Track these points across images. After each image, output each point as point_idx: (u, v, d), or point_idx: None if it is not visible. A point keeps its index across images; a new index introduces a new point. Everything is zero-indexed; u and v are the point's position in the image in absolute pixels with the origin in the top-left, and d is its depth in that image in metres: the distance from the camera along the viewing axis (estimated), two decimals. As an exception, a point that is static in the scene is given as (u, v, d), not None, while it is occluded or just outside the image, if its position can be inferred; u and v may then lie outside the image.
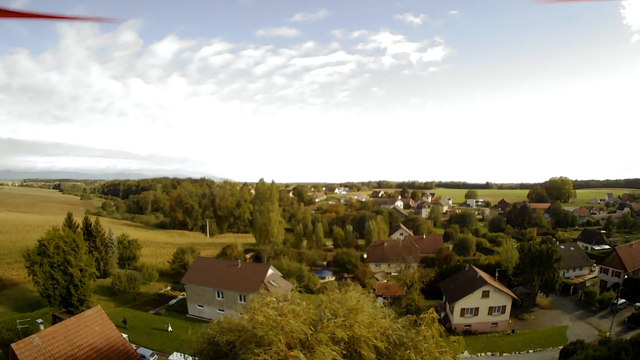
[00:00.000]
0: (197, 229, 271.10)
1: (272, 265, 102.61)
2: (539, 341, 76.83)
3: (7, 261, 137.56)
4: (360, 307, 32.00)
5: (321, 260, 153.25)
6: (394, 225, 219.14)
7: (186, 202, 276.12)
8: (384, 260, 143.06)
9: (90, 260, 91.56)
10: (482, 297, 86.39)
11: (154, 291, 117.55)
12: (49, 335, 50.13)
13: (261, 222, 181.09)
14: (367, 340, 29.66)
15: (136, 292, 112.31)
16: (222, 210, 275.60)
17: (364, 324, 30.52)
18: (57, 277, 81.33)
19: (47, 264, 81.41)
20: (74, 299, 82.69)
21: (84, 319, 57.14)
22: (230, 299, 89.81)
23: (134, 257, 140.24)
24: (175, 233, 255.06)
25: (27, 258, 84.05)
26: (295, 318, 29.97)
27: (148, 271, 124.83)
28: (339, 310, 31.65)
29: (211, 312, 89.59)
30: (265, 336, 28.55)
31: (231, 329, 32.79)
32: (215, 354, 34.02)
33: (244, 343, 29.98)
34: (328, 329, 29.34)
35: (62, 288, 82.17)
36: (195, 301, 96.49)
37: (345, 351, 29.36)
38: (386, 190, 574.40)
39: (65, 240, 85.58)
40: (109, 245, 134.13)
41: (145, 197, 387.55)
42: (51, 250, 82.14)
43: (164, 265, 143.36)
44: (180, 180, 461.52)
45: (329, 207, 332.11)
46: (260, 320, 30.14)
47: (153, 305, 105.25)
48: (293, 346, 28.25)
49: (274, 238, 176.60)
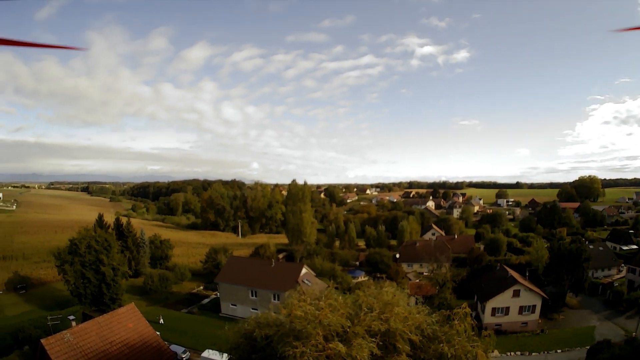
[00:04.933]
0: (229, 229, 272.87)
1: (306, 265, 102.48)
2: (567, 341, 77.05)
3: (35, 261, 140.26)
4: (395, 302, 32.96)
5: (354, 260, 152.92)
6: (426, 225, 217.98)
7: (217, 203, 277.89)
8: (416, 260, 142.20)
9: (122, 259, 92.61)
10: (512, 296, 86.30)
11: (187, 290, 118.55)
12: (80, 332, 50.62)
13: (294, 223, 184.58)
14: (402, 333, 30.61)
15: (168, 291, 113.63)
16: (253, 211, 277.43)
17: (400, 317, 31.37)
18: (89, 276, 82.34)
19: (79, 263, 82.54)
20: (106, 298, 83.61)
21: (117, 316, 57.92)
22: (264, 298, 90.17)
23: (166, 256, 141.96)
24: (207, 234, 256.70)
25: (57, 257, 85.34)
26: (333, 312, 30.68)
27: (180, 271, 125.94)
28: (375, 304, 32.61)
29: (244, 311, 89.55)
30: (303, 330, 29.50)
31: (269, 324, 33.74)
32: (252, 348, 35.24)
33: (282, 337, 30.98)
34: (365, 322, 30.50)
35: (94, 287, 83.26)
36: (228, 300, 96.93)
37: (381, 343, 30.34)
38: (417, 190, 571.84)
39: (97, 239, 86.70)
40: (141, 245, 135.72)
41: (176, 199, 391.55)
42: (83, 250, 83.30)
43: (196, 265, 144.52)
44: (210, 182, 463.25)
45: (360, 207, 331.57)
46: (298, 314, 30.70)
47: (185, 304, 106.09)
48: (330, 339, 29.43)
49: (306, 238, 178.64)
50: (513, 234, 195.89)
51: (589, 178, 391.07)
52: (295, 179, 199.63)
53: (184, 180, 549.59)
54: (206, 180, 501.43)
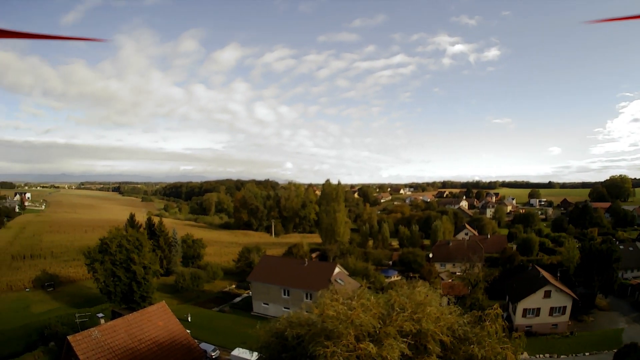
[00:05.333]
0: (262, 229, 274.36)
1: (339, 264, 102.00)
2: (596, 344, 75.74)
3: (65, 259, 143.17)
4: (428, 302, 33.18)
5: (387, 260, 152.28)
6: (459, 225, 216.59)
7: (251, 203, 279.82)
8: (449, 260, 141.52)
9: (154, 258, 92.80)
10: (543, 297, 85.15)
11: (218, 289, 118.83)
12: (109, 329, 50.38)
13: (327, 222, 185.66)
14: (433, 334, 30.80)
15: (200, 289, 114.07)
16: (287, 211, 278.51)
17: (432, 318, 31.51)
18: (119, 274, 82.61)
19: (109, 262, 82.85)
20: (136, 296, 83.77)
21: (147, 314, 57.88)
22: (297, 297, 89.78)
23: (198, 255, 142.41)
24: (240, 233, 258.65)
25: (87, 256, 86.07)
26: (365, 312, 30.96)
27: (212, 269, 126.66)
28: (407, 304, 32.82)
29: (276, 310, 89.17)
30: (335, 329, 29.85)
31: (300, 324, 34.26)
32: (282, 347, 35.77)
33: (313, 336, 31.34)
34: (396, 323, 30.77)
35: (124, 285, 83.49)
36: (260, 299, 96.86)
37: (412, 344, 30.62)
38: (451, 190, 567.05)
39: (128, 238, 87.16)
40: (173, 244, 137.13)
41: (208, 199, 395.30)
42: (113, 249, 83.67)
43: (228, 264, 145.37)
44: (244, 182, 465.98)
45: (394, 207, 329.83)
46: (330, 314, 31.14)
47: (217, 302, 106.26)
48: (362, 339, 29.66)
49: (340, 238, 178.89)
50: (545, 234, 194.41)
51: (620, 177, 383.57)
52: (329, 179, 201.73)
53: (217, 180, 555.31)
54: (239, 180, 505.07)
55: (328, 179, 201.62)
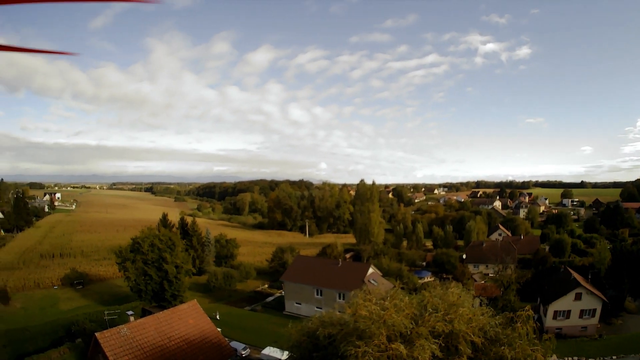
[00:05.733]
0: (296, 229, 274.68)
1: (372, 265, 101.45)
2: (624, 347, 74.50)
3: (95, 258, 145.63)
4: (460, 303, 33.02)
5: (420, 261, 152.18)
6: (493, 225, 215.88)
7: (285, 203, 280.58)
8: (482, 261, 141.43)
9: (186, 257, 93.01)
10: (574, 299, 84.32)
11: (251, 288, 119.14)
12: (138, 327, 50.39)
13: (361, 223, 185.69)
14: (465, 335, 30.66)
15: (232, 289, 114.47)
16: (321, 211, 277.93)
17: (464, 319, 31.39)
18: (151, 273, 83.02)
19: (140, 261, 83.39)
20: (167, 294, 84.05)
21: (178, 312, 57.96)
22: (329, 297, 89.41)
23: (231, 255, 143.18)
24: (274, 233, 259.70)
25: (118, 255, 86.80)
26: (397, 312, 30.82)
27: (245, 269, 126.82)
28: (440, 305, 32.67)
29: (309, 310, 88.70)
30: (367, 329, 29.66)
31: (332, 323, 34.24)
32: (314, 347, 36.01)
33: (345, 336, 31.24)
34: (429, 323, 30.49)
35: (155, 284, 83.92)
36: (293, 299, 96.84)
37: (443, 345, 30.45)
38: (484, 190, 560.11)
39: (160, 238, 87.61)
40: (206, 243, 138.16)
41: (242, 199, 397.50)
42: (145, 248, 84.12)
43: (262, 263, 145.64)
44: (278, 182, 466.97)
45: (428, 207, 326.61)
46: (363, 314, 30.91)
47: (249, 302, 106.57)
48: (393, 339, 29.52)
49: (374, 238, 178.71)
50: (577, 235, 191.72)
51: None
52: (364, 179, 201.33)
53: (251, 180, 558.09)
54: (273, 181, 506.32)
55: (362, 179, 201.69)
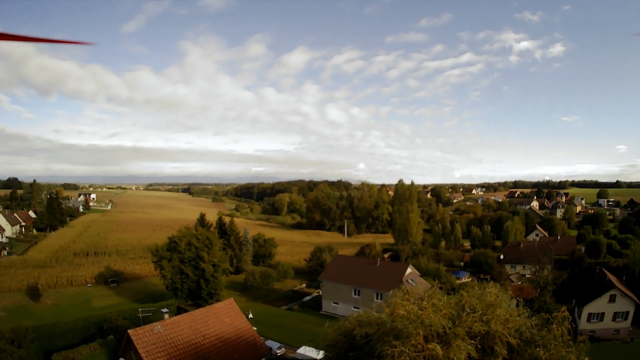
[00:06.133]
0: (335, 229, 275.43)
1: (411, 265, 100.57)
2: None
3: (131, 257, 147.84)
4: (498, 303, 32.72)
5: (458, 261, 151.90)
6: (530, 225, 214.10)
7: (324, 203, 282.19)
8: (519, 262, 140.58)
9: (224, 256, 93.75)
10: (608, 301, 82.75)
11: (288, 288, 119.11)
12: (172, 324, 50.34)
13: (400, 223, 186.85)
14: (501, 336, 30.39)
15: (269, 288, 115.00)
16: (360, 211, 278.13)
17: (501, 319, 31.10)
18: (187, 271, 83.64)
19: (177, 259, 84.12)
20: (204, 293, 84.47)
21: (214, 310, 57.93)
22: (367, 297, 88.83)
23: (269, 254, 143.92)
24: (312, 233, 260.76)
25: (155, 254, 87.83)
26: (435, 312, 30.55)
27: (283, 268, 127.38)
28: (477, 305, 32.46)
29: (346, 310, 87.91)
30: (404, 329, 29.62)
31: (370, 323, 34.34)
32: (350, 346, 36.02)
33: (382, 336, 31.47)
34: (466, 324, 30.31)
35: (192, 282, 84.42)
36: (330, 298, 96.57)
37: (479, 346, 30.40)
38: (522, 190, 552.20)
39: (198, 237, 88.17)
40: (244, 243, 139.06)
41: (281, 199, 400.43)
42: (182, 247, 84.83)
43: (299, 263, 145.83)
44: (316, 182, 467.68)
45: (466, 207, 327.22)
46: (401, 313, 30.79)
47: (286, 301, 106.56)
48: (430, 339, 29.38)
49: (412, 238, 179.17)
50: (612, 236, 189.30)
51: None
52: (402, 179, 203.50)
53: (289, 181, 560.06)
54: (312, 181, 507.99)
55: (401, 179, 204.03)
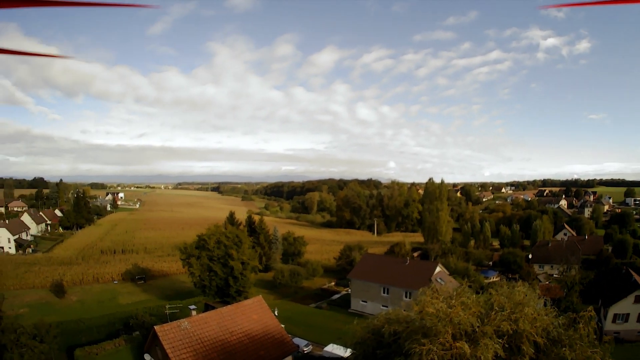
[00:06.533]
0: (365, 228, 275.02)
1: (440, 264, 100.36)
2: None
3: (159, 254, 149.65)
4: (526, 302, 32.39)
5: (487, 260, 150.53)
6: (559, 225, 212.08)
7: (354, 202, 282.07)
8: (547, 261, 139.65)
9: (253, 254, 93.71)
10: (634, 302, 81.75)
11: (317, 286, 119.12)
12: (200, 321, 50.58)
13: (430, 221, 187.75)
14: (529, 335, 30.04)
15: (298, 286, 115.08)
16: (390, 209, 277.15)
17: (529, 318, 30.78)
18: (216, 269, 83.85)
19: (206, 257, 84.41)
20: (232, 290, 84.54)
21: (241, 307, 58.13)
22: (396, 295, 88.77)
23: (298, 253, 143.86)
24: (342, 232, 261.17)
25: (183, 251, 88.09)
26: (464, 310, 30.45)
27: (312, 267, 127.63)
28: (506, 304, 32.23)
29: (374, 308, 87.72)
30: (433, 327, 29.27)
31: (398, 320, 33.96)
32: (378, 344, 35.60)
33: (410, 334, 30.83)
34: (494, 322, 30.11)
35: (220, 279, 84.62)
36: (359, 296, 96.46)
37: (506, 345, 30.07)
38: (550, 189, 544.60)
39: (227, 235, 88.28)
40: (273, 241, 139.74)
41: (310, 198, 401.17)
42: (211, 245, 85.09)
43: (329, 261, 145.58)
44: (346, 181, 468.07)
45: (496, 206, 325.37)
46: (430, 311, 30.51)
47: (314, 299, 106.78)
48: (458, 338, 29.14)
49: (442, 237, 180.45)
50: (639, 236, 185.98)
51: None
52: (432, 178, 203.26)
53: (319, 179, 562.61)
54: (342, 180, 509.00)
55: (431, 177, 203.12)
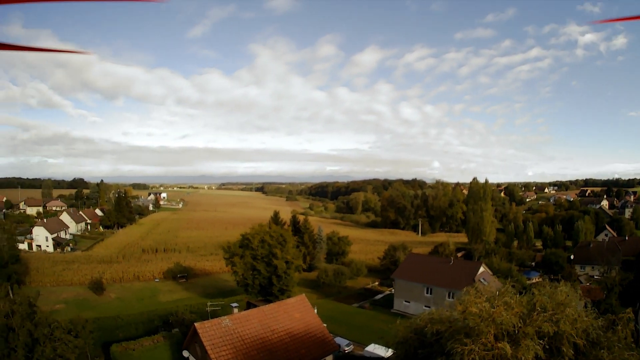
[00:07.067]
0: (409, 228, 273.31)
1: (483, 264, 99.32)
2: None
3: (202, 253, 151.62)
4: (568, 303, 31.86)
5: (530, 261, 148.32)
6: (600, 225, 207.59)
7: (398, 202, 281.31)
8: (588, 263, 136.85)
9: (297, 254, 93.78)
10: None
11: (361, 286, 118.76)
12: (241, 319, 50.86)
13: (474, 222, 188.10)
14: (569, 336, 29.67)
15: (342, 285, 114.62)
16: (434, 210, 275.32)
17: (570, 319, 30.29)
18: (260, 268, 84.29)
19: (249, 256, 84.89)
20: (275, 289, 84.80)
21: (284, 306, 58.32)
22: (439, 296, 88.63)
23: (343, 252, 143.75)
24: (387, 232, 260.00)
25: (226, 250, 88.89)
26: (507, 310, 30.20)
27: (356, 266, 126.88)
28: (548, 304, 31.75)
29: (417, 308, 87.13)
30: (475, 327, 29.26)
31: (441, 320, 33.91)
32: (420, 344, 35.74)
33: (452, 334, 30.92)
34: (536, 323, 29.77)
35: (263, 278, 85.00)
36: (402, 297, 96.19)
37: (547, 346, 29.86)
38: (592, 189, 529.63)
39: (271, 234, 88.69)
40: (318, 241, 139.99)
41: (355, 198, 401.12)
42: (255, 244, 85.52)
43: (373, 261, 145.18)
44: (391, 181, 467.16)
45: (539, 207, 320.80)
46: (473, 311, 30.44)
47: (357, 299, 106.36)
48: (500, 338, 29.12)
49: (485, 237, 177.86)
50: None
51: None
52: (476, 177, 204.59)
53: (364, 179, 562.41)
54: (386, 180, 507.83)
55: (475, 177, 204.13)
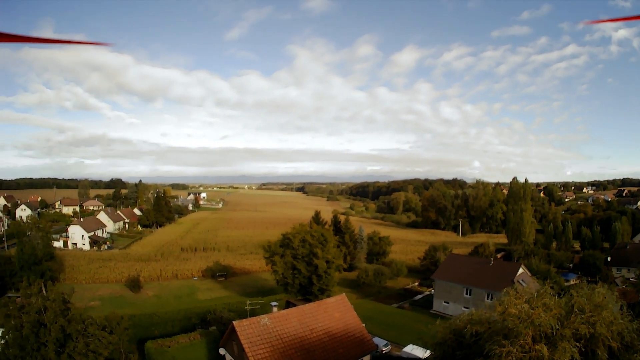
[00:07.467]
0: (449, 228, 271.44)
1: (523, 265, 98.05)
2: None
3: (241, 253, 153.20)
4: (605, 305, 31.80)
5: (568, 262, 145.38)
6: (637, 226, 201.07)
7: (439, 202, 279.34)
8: (625, 264, 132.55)
9: (338, 253, 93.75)
10: None
11: (401, 286, 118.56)
12: (280, 317, 51.34)
13: (514, 222, 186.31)
14: (604, 339, 29.57)
15: (382, 285, 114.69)
16: (475, 210, 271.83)
17: (606, 322, 30.26)
18: (300, 267, 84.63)
19: (290, 255, 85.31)
20: (315, 288, 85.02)
21: (324, 305, 58.51)
22: (478, 297, 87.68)
23: (383, 252, 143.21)
24: (427, 232, 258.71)
25: (267, 250, 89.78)
26: (545, 312, 30.17)
27: (397, 267, 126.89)
28: (585, 306, 31.52)
29: (456, 309, 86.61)
30: (514, 328, 29.34)
31: (480, 321, 34.09)
32: (458, 345, 36.08)
33: (491, 335, 31.25)
34: (573, 325, 29.67)
35: (304, 278, 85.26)
36: (441, 297, 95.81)
37: (582, 348, 29.51)
38: (629, 188, 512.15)
39: (312, 234, 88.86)
40: (358, 241, 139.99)
41: (396, 198, 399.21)
42: (296, 243, 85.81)
43: (413, 261, 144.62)
44: (432, 181, 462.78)
45: (577, 207, 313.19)
46: (512, 312, 30.52)
47: (397, 299, 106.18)
48: (538, 340, 29.12)
49: (525, 238, 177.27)
50: None
51: None
52: (516, 177, 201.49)
53: (404, 179, 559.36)
54: (427, 180, 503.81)
55: (515, 177, 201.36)
